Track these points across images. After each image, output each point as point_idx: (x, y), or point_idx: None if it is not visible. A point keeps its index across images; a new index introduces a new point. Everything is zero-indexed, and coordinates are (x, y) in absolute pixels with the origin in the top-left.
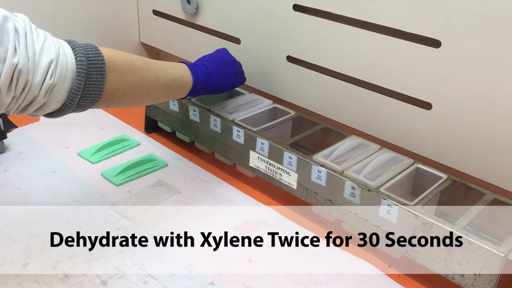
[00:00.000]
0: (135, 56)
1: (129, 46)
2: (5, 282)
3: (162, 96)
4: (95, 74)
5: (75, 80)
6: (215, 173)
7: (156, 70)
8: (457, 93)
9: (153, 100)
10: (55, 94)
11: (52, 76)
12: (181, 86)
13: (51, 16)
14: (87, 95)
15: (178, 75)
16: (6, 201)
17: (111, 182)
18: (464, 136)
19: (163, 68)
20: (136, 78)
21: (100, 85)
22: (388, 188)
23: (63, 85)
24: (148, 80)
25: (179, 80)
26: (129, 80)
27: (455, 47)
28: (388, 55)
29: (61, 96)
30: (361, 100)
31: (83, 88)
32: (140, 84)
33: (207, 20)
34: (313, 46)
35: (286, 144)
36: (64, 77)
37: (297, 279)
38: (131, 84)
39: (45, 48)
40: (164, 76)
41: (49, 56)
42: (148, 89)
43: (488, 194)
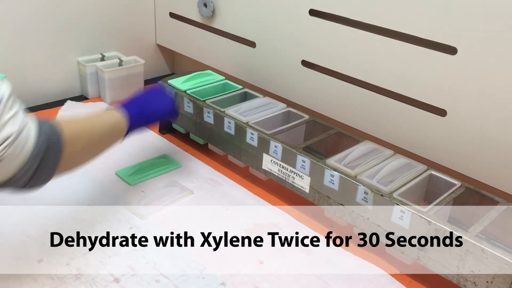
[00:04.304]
0: (75, 121)
1: (145, 48)
2: (19, 276)
3: (104, 148)
4: (52, 157)
5: (27, 161)
6: (228, 175)
7: (97, 125)
8: (472, 100)
9: (97, 155)
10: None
11: (4, 149)
12: (119, 129)
13: (68, 18)
14: (41, 174)
15: (112, 120)
16: (22, 200)
17: (126, 182)
18: (478, 143)
19: (100, 122)
20: (81, 146)
21: (55, 165)
22: (401, 193)
23: (12, 162)
24: (92, 141)
25: (116, 124)
26: (76, 150)
27: (471, 54)
28: (404, 61)
29: (4, 170)
30: (375, 106)
31: (36, 168)
32: (85, 150)
33: (223, 23)
34: (328, 51)
35: (299, 147)
36: (15, 156)
37: (307, 282)
38: (77, 154)
39: (9, 122)
40: (103, 128)
41: (11, 130)
42: (92, 150)
43: (502, 202)
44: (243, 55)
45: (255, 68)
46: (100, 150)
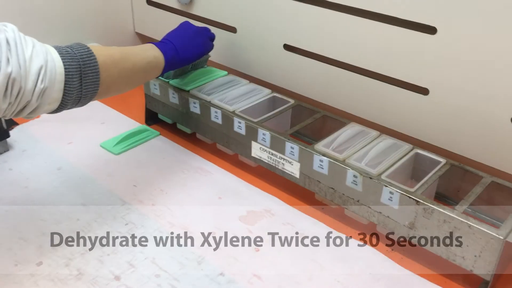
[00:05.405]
0: (112, 48)
1: (123, 36)
2: (21, 281)
3: (141, 80)
4: (90, 72)
5: (66, 82)
6: (218, 163)
7: (133, 58)
8: (453, 78)
9: (133, 85)
10: (47, 97)
11: (43, 81)
12: (156, 66)
13: (44, 7)
14: (87, 92)
15: (151, 56)
16: (14, 201)
17: (111, 152)
18: (461, 120)
19: (138, 54)
20: (117, 70)
21: (96, 81)
22: (389, 175)
23: (54, 88)
24: (128, 69)
25: (153, 61)
26: (111, 74)
27: (450, 33)
28: (385, 42)
29: (53, 98)
30: (359, 87)
31: (83, 87)
32: (121, 75)
33: (203, 10)
34: (309, 34)
35: (287, 134)
36: (54, 80)
37: (304, 266)
38: (113, 77)
39: (34, 56)
40: (140, 61)
41: (39, 62)
42: (128, 77)
43: (486, 177)
44: (224, 40)
45: (237, 54)
46: (136, 79)
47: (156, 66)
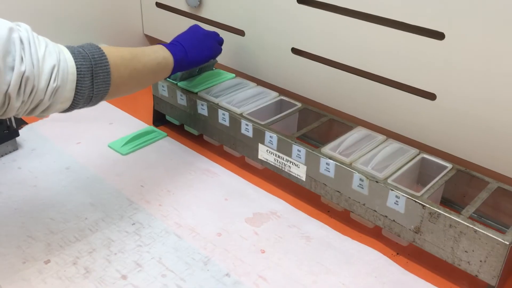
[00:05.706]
0: (123, 49)
1: (132, 38)
2: (29, 279)
3: (150, 80)
4: (101, 72)
5: (78, 81)
6: (224, 165)
7: (143, 59)
8: (461, 83)
9: (143, 86)
10: (59, 96)
11: (55, 80)
12: (165, 67)
13: (55, 9)
14: (98, 92)
15: (161, 57)
16: (23, 199)
17: (119, 152)
18: (467, 125)
19: (148, 54)
20: (128, 71)
21: (107, 81)
22: (395, 179)
23: (66, 87)
24: (138, 69)
25: (163, 62)
26: (122, 74)
27: (458, 39)
28: (393, 47)
29: (64, 98)
30: (366, 91)
31: (94, 86)
32: (132, 75)
33: (211, 13)
34: (317, 38)
35: (294, 137)
36: (66, 80)
37: (309, 269)
38: (124, 77)
39: (47, 55)
40: (150, 62)
41: (51, 61)
42: (138, 78)
43: (492, 182)
44: (232, 43)
45: (245, 57)
46: (146, 80)
47: (166, 67)
